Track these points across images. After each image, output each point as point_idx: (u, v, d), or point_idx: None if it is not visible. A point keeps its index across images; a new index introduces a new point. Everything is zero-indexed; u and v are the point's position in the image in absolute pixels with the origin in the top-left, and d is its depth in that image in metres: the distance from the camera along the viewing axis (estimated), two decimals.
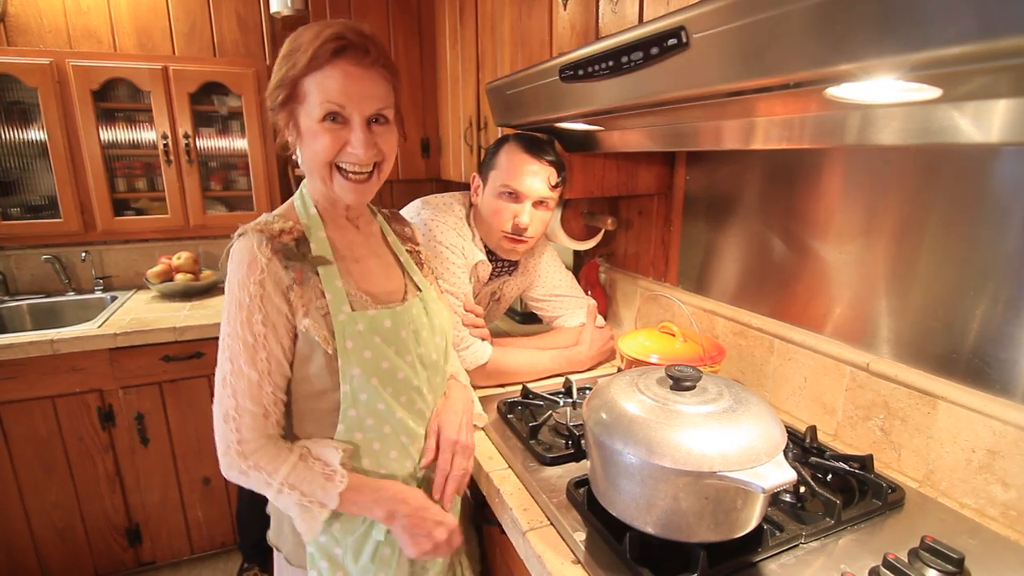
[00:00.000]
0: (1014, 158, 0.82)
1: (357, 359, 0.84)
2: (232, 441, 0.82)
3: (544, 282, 1.58)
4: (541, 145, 1.32)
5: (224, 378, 0.82)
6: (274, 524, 0.97)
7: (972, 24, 0.42)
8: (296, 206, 0.90)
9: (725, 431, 0.69)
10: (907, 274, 0.98)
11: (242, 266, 0.80)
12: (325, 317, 0.83)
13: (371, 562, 0.91)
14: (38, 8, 2.22)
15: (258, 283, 0.80)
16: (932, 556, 0.73)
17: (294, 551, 0.93)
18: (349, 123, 0.81)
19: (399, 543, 0.90)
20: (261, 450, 0.82)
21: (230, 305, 0.82)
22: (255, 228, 0.82)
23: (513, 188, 1.29)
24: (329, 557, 0.90)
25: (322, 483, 0.83)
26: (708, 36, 0.63)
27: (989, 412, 0.85)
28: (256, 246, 0.80)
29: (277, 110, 0.84)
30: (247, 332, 0.80)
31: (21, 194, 2.26)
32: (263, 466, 0.82)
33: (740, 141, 0.95)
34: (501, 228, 1.33)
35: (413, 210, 1.39)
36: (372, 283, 0.91)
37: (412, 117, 2.49)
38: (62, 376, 1.88)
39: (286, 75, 0.81)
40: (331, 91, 0.79)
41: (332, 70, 0.79)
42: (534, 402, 1.23)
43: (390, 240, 1.01)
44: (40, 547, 1.97)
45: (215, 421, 0.83)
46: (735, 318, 1.32)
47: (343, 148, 0.82)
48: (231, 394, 0.81)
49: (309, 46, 0.78)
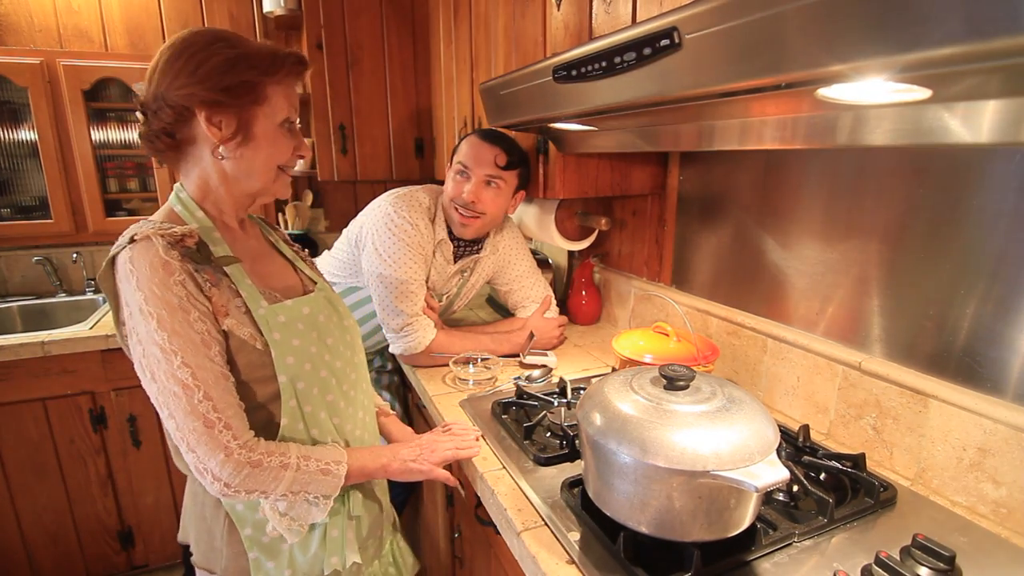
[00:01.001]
0: (1004, 158, 0.83)
1: (288, 348, 0.85)
2: (228, 440, 0.76)
3: (510, 266, 1.68)
4: (497, 134, 1.47)
5: (186, 385, 0.75)
6: (201, 547, 0.91)
7: (962, 25, 0.42)
8: (178, 211, 0.87)
9: (718, 430, 0.69)
10: (899, 273, 0.98)
11: (156, 271, 0.76)
12: (247, 314, 0.83)
13: (321, 549, 0.90)
14: (28, 7, 2.20)
15: (180, 283, 0.77)
16: (924, 554, 0.73)
17: (232, 563, 0.88)
18: (294, 130, 0.91)
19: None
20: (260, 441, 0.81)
21: (157, 311, 0.75)
22: (154, 233, 0.77)
23: (464, 164, 1.46)
24: (275, 555, 0.88)
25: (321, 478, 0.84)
26: (700, 37, 0.63)
27: (980, 411, 0.86)
28: (163, 251, 0.76)
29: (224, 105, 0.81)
30: (190, 331, 0.76)
31: (11, 195, 2.24)
32: (273, 448, 0.80)
33: (733, 141, 0.95)
34: (454, 203, 1.47)
35: (380, 201, 1.51)
36: (273, 280, 0.92)
37: (406, 117, 2.49)
38: (53, 378, 1.87)
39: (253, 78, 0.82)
40: (292, 100, 0.88)
41: (293, 83, 0.89)
42: (528, 402, 1.23)
43: (272, 239, 1.01)
44: (32, 550, 1.95)
45: (191, 437, 0.76)
46: (728, 318, 1.33)
47: (293, 152, 0.91)
48: (203, 396, 0.76)
49: (276, 58, 0.84)
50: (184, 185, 0.88)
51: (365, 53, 2.36)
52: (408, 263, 1.44)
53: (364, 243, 1.49)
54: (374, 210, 1.50)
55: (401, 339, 1.46)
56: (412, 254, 1.44)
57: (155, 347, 0.76)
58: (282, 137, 0.87)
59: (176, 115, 0.81)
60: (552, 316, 1.66)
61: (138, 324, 0.77)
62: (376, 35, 2.36)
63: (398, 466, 0.95)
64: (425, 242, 1.47)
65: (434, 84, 2.38)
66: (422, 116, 2.51)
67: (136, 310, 0.76)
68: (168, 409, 0.77)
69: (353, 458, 0.89)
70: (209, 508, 0.89)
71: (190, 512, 0.93)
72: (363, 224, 1.52)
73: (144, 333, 0.76)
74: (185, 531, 0.96)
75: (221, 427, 0.76)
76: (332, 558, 0.90)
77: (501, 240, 1.65)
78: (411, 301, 1.45)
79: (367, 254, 1.47)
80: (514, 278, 1.69)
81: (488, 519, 1.01)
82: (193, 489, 0.92)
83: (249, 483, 0.78)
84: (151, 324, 0.75)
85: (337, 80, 2.34)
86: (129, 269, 0.76)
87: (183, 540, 0.96)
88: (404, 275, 1.43)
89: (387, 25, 2.37)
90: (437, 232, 1.51)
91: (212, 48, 0.80)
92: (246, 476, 0.77)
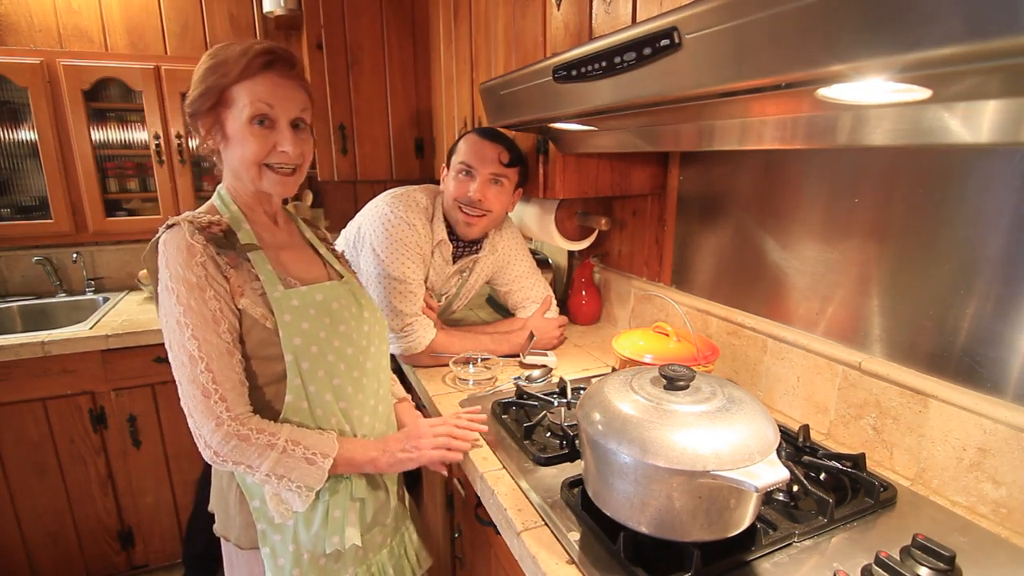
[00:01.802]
0: (1004, 158, 0.83)
1: (296, 330, 0.90)
2: (221, 411, 0.82)
3: (509, 266, 1.68)
4: (495, 132, 1.47)
5: (192, 356, 0.82)
6: (219, 516, 0.98)
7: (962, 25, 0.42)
8: (217, 205, 0.97)
9: (718, 430, 0.69)
10: (899, 273, 0.98)
11: (181, 252, 0.84)
12: (262, 296, 0.89)
13: (323, 528, 0.93)
14: (28, 7, 2.20)
15: (200, 264, 0.84)
16: (924, 554, 0.73)
17: (244, 533, 0.94)
18: (276, 125, 0.91)
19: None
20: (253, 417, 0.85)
21: (177, 287, 0.83)
22: (185, 220, 0.87)
23: (468, 164, 1.44)
24: (280, 529, 0.92)
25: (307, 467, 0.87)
26: (700, 37, 0.63)
27: (980, 410, 0.86)
28: (189, 235, 0.85)
29: (201, 116, 0.91)
30: (204, 308, 0.83)
31: (11, 195, 2.24)
32: (264, 427, 0.85)
33: (733, 141, 0.95)
34: (458, 203, 1.46)
35: (377, 201, 1.51)
36: (297, 270, 0.98)
37: (406, 117, 2.49)
38: (53, 378, 1.87)
39: (215, 83, 0.88)
40: (261, 95, 0.89)
41: (262, 79, 0.89)
42: (528, 402, 1.23)
43: (307, 236, 1.08)
44: (32, 551, 1.95)
45: (191, 404, 0.83)
46: (728, 318, 1.33)
47: (272, 149, 0.91)
48: (204, 368, 0.82)
49: (241, 58, 0.87)
50: (223, 183, 0.99)
51: (365, 53, 2.36)
52: (406, 263, 1.44)
53: (362, 244, 1.49)
54: (372, 211, 1.50)
55: (401, 339, 1.46)
56: (410, 254, 1.44)
57: (172, 320, 0.84)
58: (250, 135, 0.90)
59: (193, 130, 0.95)
60: (552, 316, 1.66)
61: (163, 299, 0.85)
62: (376, 35, 2.36)
63: (387, 460, 0.96)
64: (423, 242, 1.47)
65: (434, 84, 2.38)
66: (422, 116, 2.51)
67: (163, 286, 0.85)
68: (177, 376, 0.85)
69: (343, 449, 0.91)
70: (224, 479, 0.95)
71: (213, 482, 1.00)
72: (361, 225, 1.52)
73: (166, 307, 0.85)
74: (212, 501, 1.02)
75: (217, 398, 0.82)
76: (333, 537, 0.94)
77: (500, 240, 1.65)
78: (410, 301, 1.44)
79: (365, 255, 1.47)
80: (514, 278, 1.69)
81: (488, 519, 1.01)
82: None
83: (236, 455, 0.83)
84: (172, 299, 0.84)
85: (337, 80, 2.34)
86: (162, 251, 0.86)
87: (212, 509, 1.02)
88: (403, 275, 1.43)
89: (387, 25, 2.37)
90: (436, 232, 1.51)
91: (201, 64, 0.90)
92: (233, 447, 0.83)
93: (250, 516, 0.92)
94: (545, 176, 1.51)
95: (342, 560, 0.96)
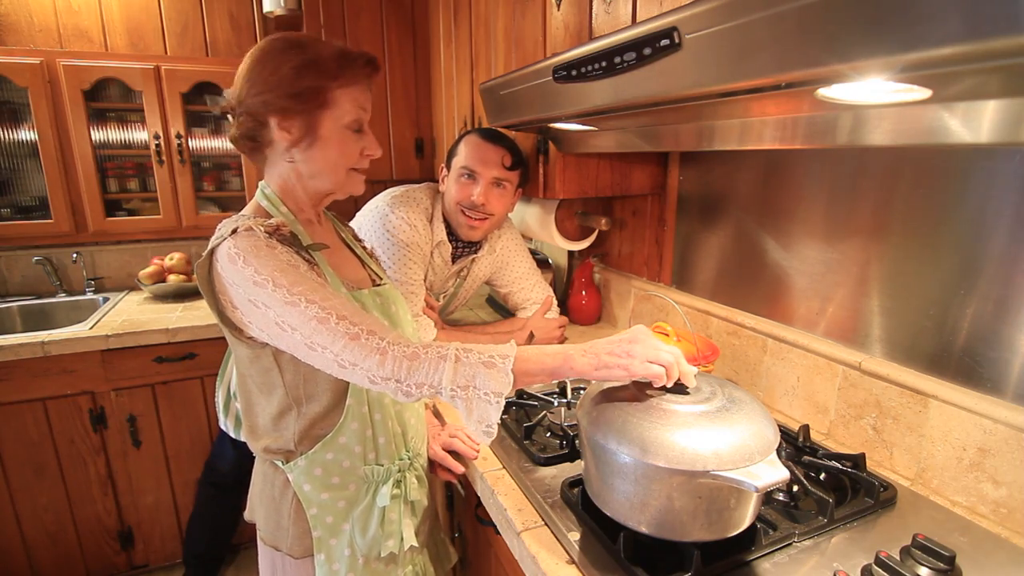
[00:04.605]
0: (1004, 158, 0.83)
1: None
2: (377, 342, 0.75)
3: (509, 267, 1.68)
4: (496, 134, 1.46)
5: (319, 318, 0.76)
6: (269, 526, 0.95)
7: (962, 25, 0.42)
8: (264, 206, 0.92)
9: (718, 430, 0.69)
10: (899, 274, 0.98)
11: (261, 250, 0.80)
12: None
13: (379, 531, 0.93)
14: (28, 7, 2.20)
15: (287, 253, 0.82)
16: (924, 554, 0.73)
17: (298, 542, 0.92)
18: (363, 131, 0.92)
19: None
20: (413, 339, 0.80)
21: (272, 273, 0.78)
22: (252, 224, 0.82)
23: (471, 168, 1.43)
24: (337, 534, 0.92)
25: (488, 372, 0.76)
26: (700, 37, 0.63)
27: (980, 410, 0.86)
28: (263, 239, 0.81)
29: (295, 112, 0.85)
30: (305, 278, 0.79)
31: (11, 195, 2.24)
32: (430, 344, 0.78)
33: (733, 141, 0.95)
34: (461, 206, 1.45)
35: (377, 201, 1.51)
36: (346, 272, 0.98)
37: (406, 117, 2.49)
38: (53, 378, 1.87)
39: (317, 84, 0.85)
40: (362, 101, 0.90)
41: (364, 85, 0.90)
42: (528, 402, 1.23)
43: (344, 236, 1.07)
44: (31, 551, 1.95)
45: (348, 356, 0.75)
46: (728, 318, 1.33)
47: (362, 153, 0.93)
48: (336, 319, 0.76)
49: (343, 61, 0.86)
50: (268, 183, 0.94)
51: None
52: (407, 263, 1.43)
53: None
54: (371, 210, 1.50)
55: None
56: (410, 254, 1.44)
57: (280, 304, 0.77)
58: (349, 139, 0.90)
59: (254, 120, 0.87)
60: (553, 316, 1.66)
61: (257, 296, 0.78)
62: (376, 35, 2.35)
63: (589, 361, 0.77)
64: (423, 242, 1.47)
65: (434, 84, 2.38)
66: (422, 116, 2.51)
67: (250, 285, 0.78)
68: (318, 346, 0.76)
69: (522, 352, 0.78)
70: (278, 489, 0.93)
71: (259, 492, 0.97)
72: (360, 225, 1.52)
73: (266, 299, 0.78)
74: (252, 510, 1.00)
75: (365, 335, 0.76)
76: (389, 540, 0.93)
77: (499, 241, 1.65)
78: (410, 301, 1.44)
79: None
80: (514, 279, 1.69)
81: (488, 519, 1.01)
82: (263, 470, 0.96)
83: (414, 376, 0.75)
84: (267, 288, 0.77)
85: None
86: (235, 253, 0.79)
87: (249, 518, 1.01)
88: (403, 276, 1.43)
89: (387, 25, 2.37)
90: (436, 233, 1.51)
91: (285, 55, 0.85)
92: (407, 369, 0.75)
93: (306, 524, 0.91)
94: (545, 176, 1.51)
95: (393, 563, 0.96)
